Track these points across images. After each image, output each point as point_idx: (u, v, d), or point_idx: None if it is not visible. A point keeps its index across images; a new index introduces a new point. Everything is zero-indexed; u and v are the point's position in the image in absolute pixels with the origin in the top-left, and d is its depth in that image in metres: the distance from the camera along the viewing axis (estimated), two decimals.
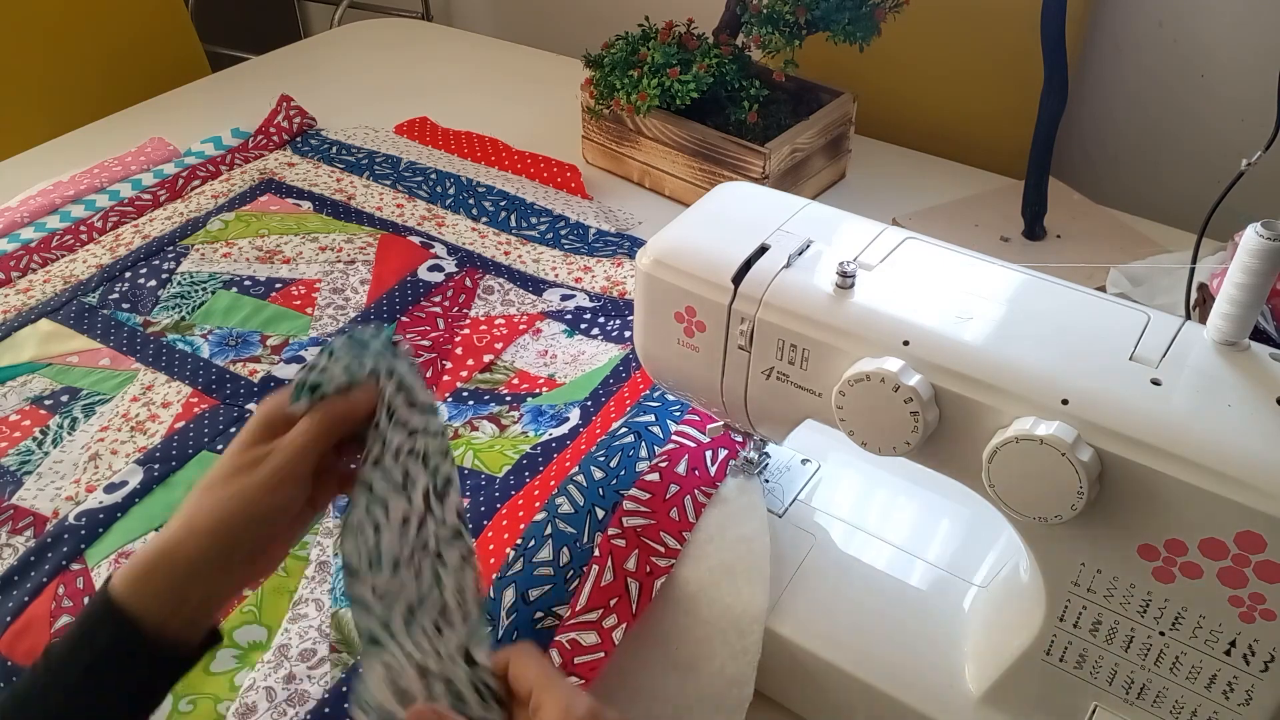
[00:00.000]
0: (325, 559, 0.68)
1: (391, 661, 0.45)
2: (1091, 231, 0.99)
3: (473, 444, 0.76)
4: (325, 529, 0.70)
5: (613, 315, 0.89)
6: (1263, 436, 0.42)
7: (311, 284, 0.92)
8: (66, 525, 0.69)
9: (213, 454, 0.75)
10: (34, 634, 0.64)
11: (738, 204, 0.60)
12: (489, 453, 0.74)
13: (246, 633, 0.64)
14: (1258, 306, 0.45)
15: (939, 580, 0.61)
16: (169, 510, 0.70)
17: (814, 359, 0.51)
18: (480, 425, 0.78)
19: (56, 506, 0.72)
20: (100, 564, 0.67)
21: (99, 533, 0.69)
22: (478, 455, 0.74)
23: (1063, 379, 0.45)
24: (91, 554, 0.68)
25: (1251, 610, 0.43)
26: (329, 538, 0.69)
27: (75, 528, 0.69)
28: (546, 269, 0.96)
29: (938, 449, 0.49)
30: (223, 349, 0.85)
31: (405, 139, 1.18)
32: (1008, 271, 0.53)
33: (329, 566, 0.67)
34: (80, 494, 0.73)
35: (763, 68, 1.05)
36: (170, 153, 1.13)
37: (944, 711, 0.54)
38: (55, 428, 0.78)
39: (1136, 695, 0.49)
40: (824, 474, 0.68)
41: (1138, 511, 0.44)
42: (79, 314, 0.89)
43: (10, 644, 0.63)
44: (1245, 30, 1.22)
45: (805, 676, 0.59)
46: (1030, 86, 0.94)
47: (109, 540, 0.69)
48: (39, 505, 0.72)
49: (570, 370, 0.83)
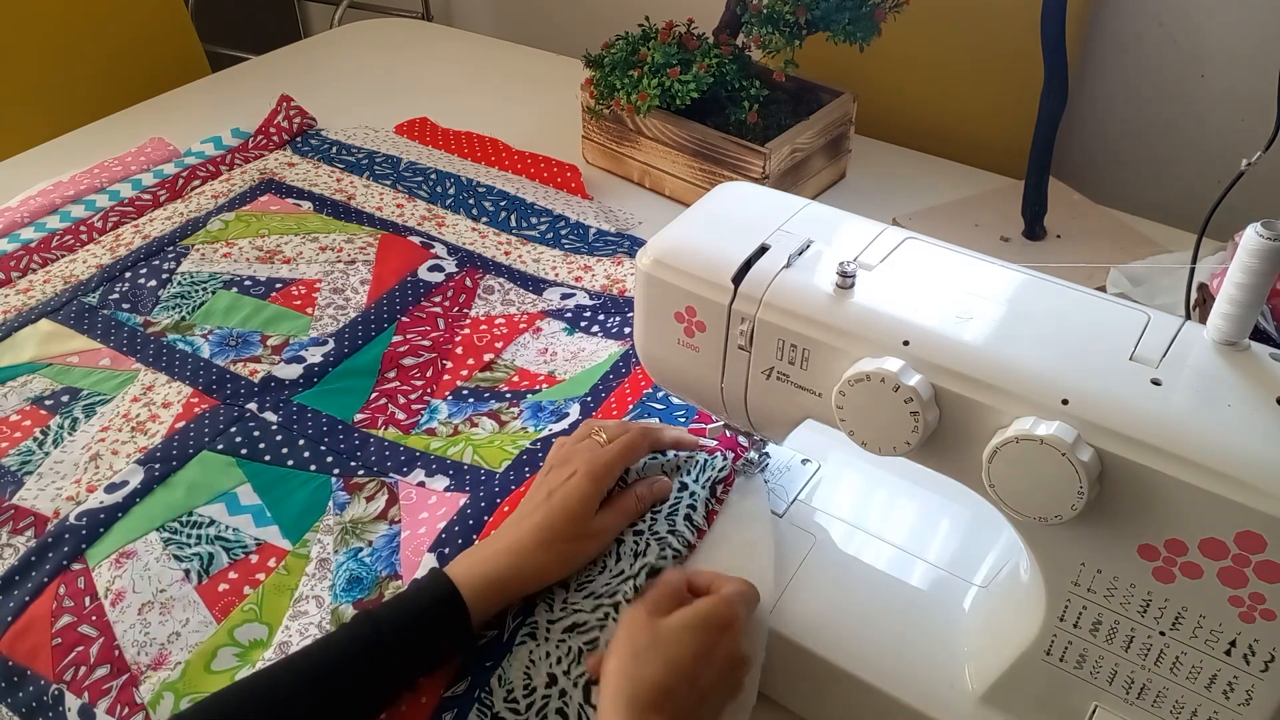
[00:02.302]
0: (326, 556, 0.68)
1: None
2: (1091, 231, 0.99)
3: (472, 440, 0.76)
4: (326, 527, 0.70)
5: (613, 312, 0.89)
6: (1263, 436, 0.42)
7: (312, 284, 0.92)
8: (67, 525, 0.69)
9: (213, 454, 0.75)
10: (35, 634, 0.63)
11: (738, 204, 0.60)
12: (489, 448, 0.74)
13: (248, 631, 0.64)
14: (1258, 306, 0.45)
15: (939, 580, 0.61)
16: (170, 510, 0.70)
17: (814, 359, 0.51)
18: (480, 421, 0.78)
19: (57, 506, 0.72)
20: (101, 564, 0.67)
21: (100, 533, 0.69)
22: (477, 451, 0.74)
23: (1063, 379, 0.45)
24: (92, 554, 0.68)
25: (1252, 610, 0.43)
26: (329, 535, 0.69)
27: (76, 528, 0.69)
28: (547, 269, 0.96)
29: (938, 449, 0.49)
30: (223, 349, 0.85)
31: (405, 139, 1.18)
32: (1008, 271, 0.53)
33: (329, 564, 0.67)
34: (81, 494, 0.73)
35: (763, 68, 1.05)
36: (170, 153, 1.13)
37: (944, 711, 0.54)
38: (56, 428, 0.78)
39: (1137, 695, 0.49)
40: (824, 474, 0.68)
41: (1138, 511, 0.44)
42: (79, 314, 0.89)
43: (11, 644, 0.63)
44: (1246, 30, 1.22)
45: (805, 676, 0.59)
46: (1030, 86, 0.94)
47: (110, 540, 0.69)
48: (40, 505, 0.72)
49: (570, 367, 0.83)
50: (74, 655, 0.62)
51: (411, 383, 0.82)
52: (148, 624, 0.64)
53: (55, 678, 0.61)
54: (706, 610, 0.53)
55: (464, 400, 0.81)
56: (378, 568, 0.66)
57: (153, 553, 0.68)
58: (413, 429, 0.78)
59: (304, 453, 0.75)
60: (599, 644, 0.57)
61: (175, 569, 0.67)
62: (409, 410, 0.80)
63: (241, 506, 0.71)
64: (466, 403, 0.80)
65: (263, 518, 0.71)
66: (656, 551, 0.60)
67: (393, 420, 0.79)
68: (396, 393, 0.81)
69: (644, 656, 0.51)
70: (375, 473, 0.74)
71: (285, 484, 0.73)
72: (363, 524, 0.70)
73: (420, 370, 0.84)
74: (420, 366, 0.84)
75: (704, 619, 0.53)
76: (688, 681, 0.50)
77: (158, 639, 0.63)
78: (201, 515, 0.70)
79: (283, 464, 0.75)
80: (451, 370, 0.84)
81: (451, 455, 0.74)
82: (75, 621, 0.64)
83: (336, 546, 0.68)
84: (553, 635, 0.58)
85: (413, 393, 0.81)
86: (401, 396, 0.81)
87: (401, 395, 0.81)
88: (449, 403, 0.80)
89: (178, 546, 0.68)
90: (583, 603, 0.59)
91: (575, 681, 0.56)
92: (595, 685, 0.56)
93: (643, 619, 0.53)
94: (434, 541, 0.66)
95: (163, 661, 0.62)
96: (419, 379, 0.83)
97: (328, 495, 0.72)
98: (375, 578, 0.65)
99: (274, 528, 0.70)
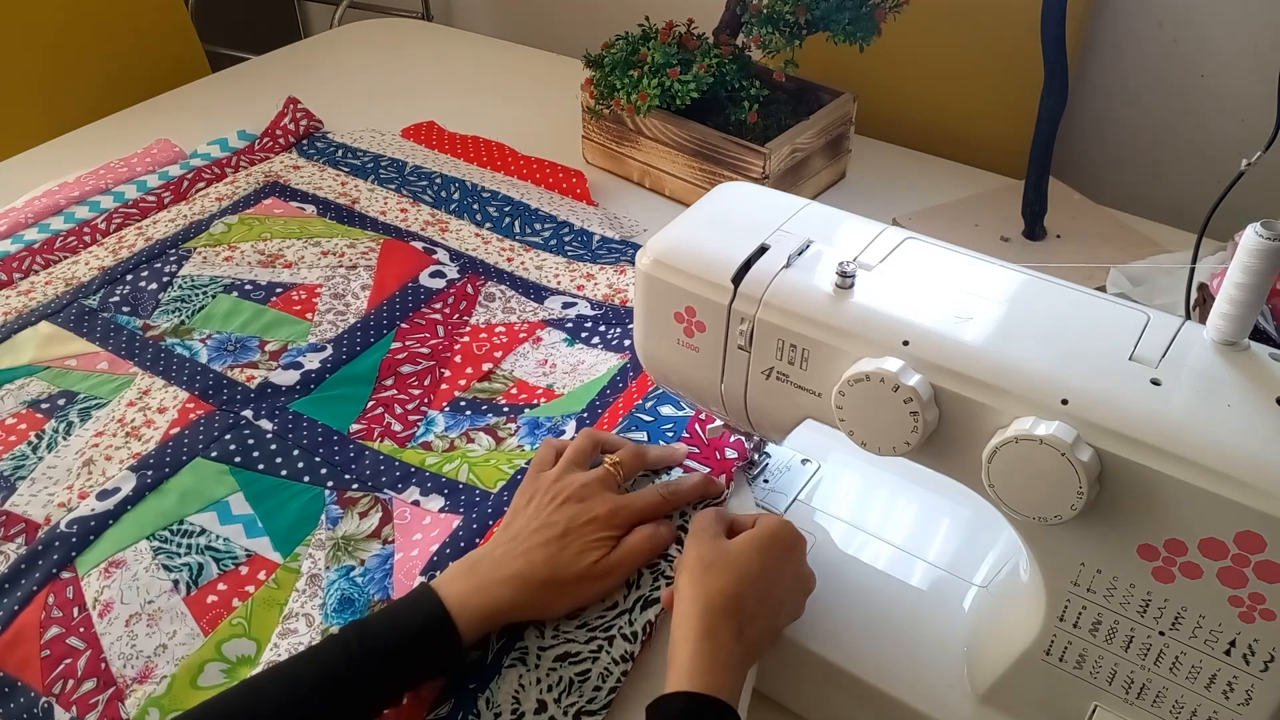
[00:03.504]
0: (317, 571, 0.67)
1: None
2: (1091, 231, 0.99)
3: (468, 457, 0.75)
4: (318, 541, 0.69)
5: (614, 324, 0.88)
6: (1262, 436, 0.42)
7: (312, 289, 0.92)
8: (58, 533, 0.68)
9: (206, 461, 0.74)
10: (24, 644, 0.63)
11: (738, 204, 0.60)
12: (484, 467, 0.73)
13: (235, 646, 0.63)
14: (1257, 306, 0.45)
15: (939, 580, 0.61)
16: (161, 518, 0.70)
17: (814, 359, 0.51)
18: (476, 437, 0.77)
19: (49, 513, 0.71)
20: (91, 572, 0.66)
21: (90, 540, 0.68)
22: (473, 469, 0.73)
23: (1062, 379, 0.45)
24: (82, 562, 0.67)
25: (1251, 610, 0.43)
26: (321, 550, 0.68)
27: (66, 535, 0.68)
28: (549, 276, 0.95)
29: (937, 449, 0.49)
30: (221, 354, 0.85)
31: (411, 143, 1.18)
32: (1008, 271, 0.53)
33: (320, 580, 0.66)
34: (73, 500, 0.72)
35: (763, 68, 1.05)
36: (176, 154, 1.13)
37: (944, 711, 0.54)
38: (50, 432, 0.78)
39: (1136, 695, 0.49)
40: (824, 474, 0.68)
41: (1137, 511, 0.44)
42: (79, 316, 0.89)
43: (2, 654, 0.62)
44: (1245, 30, 1.22)
45: (805, 676, 0.59)
46: (1030, 86, 0.94)
47: (100, 548, 0.68)
48: (31, 511, 0.72)
49: (569, 380, 0.82)
50: (62, 668, 0.61)
51: (409, 391, 0.82)
52: (135, 635, 0.63)
53: (44, 690, 0.61)
54: (773, 530, 0.57)
55: (461, 413, 0.80)
56: (370, 590, 0.65)
57: (142, 562, 0.67)
58: (408, 442, 0.77)
59: (298, 463, 0.74)
60: (590, 675, 0.57)
61: (164, 579, 0.66)
62: (405, 421, 0.79)
63: (233, 516, 0.71)
64: (464, 415, 0.80)
65: (254, 528, 0.70)
66: (650, 583, 0.60)
67: (389, 432, 0.78)
68: (393, 402, 0.81)
69: (716, 568, 0.54)
70: (369, 487, 0.73)
71: (278, 494, 0.72)
72: (355, 541, 0.69)
73: (418, 378, 0.83)
74: (418, 374, 0.83)
75: (771, 537, 0.56)
76: (756, 594, 0.54)
77: (144, 651, 0.62)
78: (192, 524, 0.70)
79: (276, 474, 0.74)
80: (450, 379, 0.83)
81: (447, 473, 0.73)
82: (64, 633, 0.63)
83: (328, 563, 0.67)
84: (543, 662, 0.57)
85: (409, 402, 0.81)
86: (398, 406, 0.80)
87: (398, 405, 0.80)
88: (446, 414, 0.80)
89: (167, 556, 0.67)
90: (575, 632, 0.58)
91: (565, 710, 0.56)
92: (586, 714, 0.56)
93: (708, 540, 0.56)
94: (426, 565, 0.65)
95: (149, 674, 0.61)
96: (416, 387, 0.82)
97: (320, 508, 0.71)
98: (367, 600, 0.64)
99: (265, 539, 0.69)
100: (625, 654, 0.58)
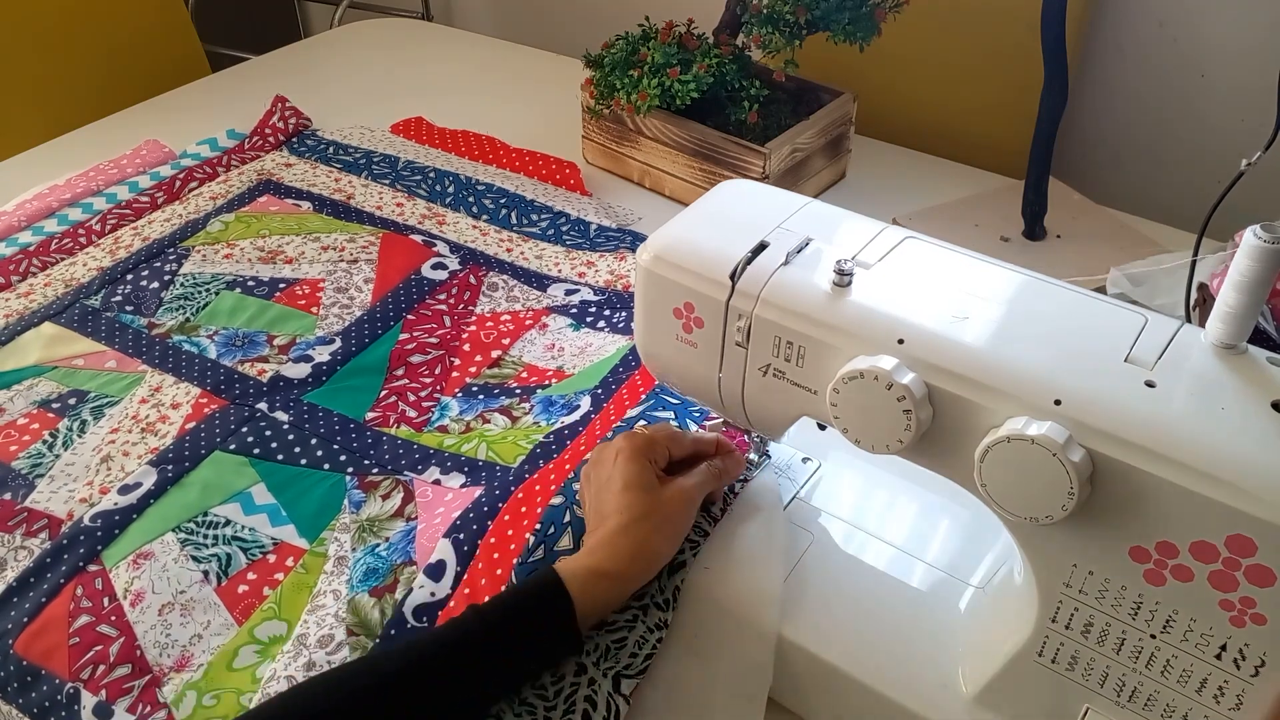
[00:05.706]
0: (344, 554, 0.68)
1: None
2: (1091, 231, 0.98)
3: (485, 436, 0.76)
4: (343, 525, 0.70)
5: (618, 308, 0.89)
6: (1256, 440, 0.42)
7: (315, 283, 0.92)
8: (82, 527, 0.69)
9: (225, 454, 0.75)
10: (51, 633, 0.64)
11: (738, 201, 0.60)
12: (502, 444, 0.74)
13: (267, 628, 0.64)
14: (1256, 309, 0.45)
15: (937, 581, 0.61)
16: (184, 510, 0.71)
17: (810, 356, 0.51)
18: (492, 418, 0.78)
19: (71, 509, 0.72)
20: (118, 564, 0.67)
21: (115, 534, 0.69)
22: (491, 447, 0.74)
23: (1056, 379, 0.45)
24: (109, 555, 0.68)
25: (1242, 614, 0.43)
26: (346, 533, 0.69)
27: (91, 529, 0.69)
28: (549, 265, 0.96)
29: (931, 448, 0.49)
30: (229, 349, 0.85)
31: (402, 138, 1.18)
32: (1006, 271, 0.53)
33: (347, 561, 0.67)
34: (94, 496, 0.73)
35: (763, 68, 1.05)
36: (166, 155, 1.13)
37: (936, 712, 0.54)
38: (65, 430, 0.79)
39: (1128, 698, 0.49)
40: (824, 473, 0.68)
41: (1129, 513, 0.44)
42: (82, 317, 0.89)
43: (27, 644, 0.63)
44: (1246, 30, 1.22)
45: (801, 675, 0.59)
46: (1030, 86, 0.94)
47: (126, 541, 0.69)
48: (53, 508, 0.72)
49: (578, 361, 0.83)
50: (92, 654, 0.62)
51: (420, 380, 0.83)
52: (169, 625, 0.64)
53: (71, 676, 0.61)
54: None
55: (474, 397, 0.81)
56: (393, 557, 0.66)
57: (170, 554, 0.68)
58: (425, 426, 0.78)
59: (317, 451, 0.76)
60: (626, 642, 0.58)
61: (194, 570, 0.67)
62: (420, 408, 0.80)
63: (256, 506, 0.72)
64: (477, 399, 0.81)
65: (278, 517, 0.71)
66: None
67: (404, 418, 0.79)
68: (406, 390, 0.82)
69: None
70: (390, 471, 0.74)
71: (300, 483, 0.73)
72: (379, 522, 0.70)
73: (429, 367, 0.84)
74: (429, 364, 0.84)
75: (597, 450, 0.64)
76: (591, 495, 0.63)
77: (180, 640, 0.63)
78: (217, 515, 0.71)
79: (296, 463, 0.75)
80: (460, 367, 0.84)
81: (465, 452, 0.75)
82: (94, 621, 0.64)
83: (354, 544, 0.68)
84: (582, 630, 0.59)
85: (422, 390, 0.82)
86: (411, 394, 0.81)
87: (411, 393, 0.81)
88: (459, 400, 0.81)
89: (195, 547, 0.68)
90: None
91: (605, 672, 0.57)
92: (625, 677, 0.57)
93: (606, 445, 0.64)
94: (449, 528, 0.66)
95: (186, 663, 0.62)
96: (428, 376, 0.83)
97: (343, 493, 0.72)
98: (390, 565, 0.66)
99: (290, 527, 0.70)
100: (659, 621, 0.60)
